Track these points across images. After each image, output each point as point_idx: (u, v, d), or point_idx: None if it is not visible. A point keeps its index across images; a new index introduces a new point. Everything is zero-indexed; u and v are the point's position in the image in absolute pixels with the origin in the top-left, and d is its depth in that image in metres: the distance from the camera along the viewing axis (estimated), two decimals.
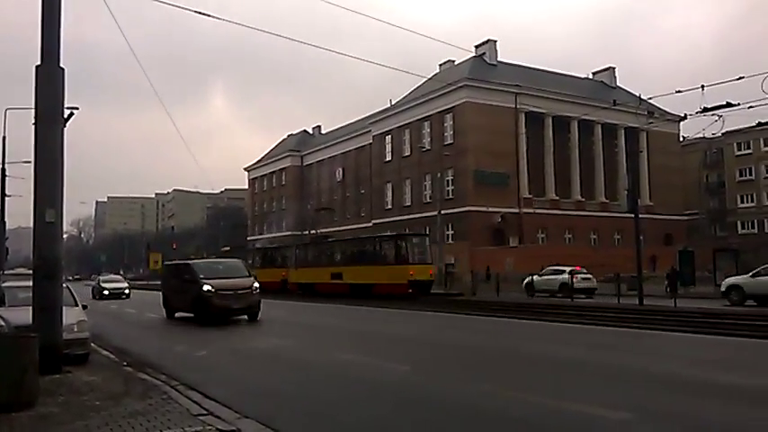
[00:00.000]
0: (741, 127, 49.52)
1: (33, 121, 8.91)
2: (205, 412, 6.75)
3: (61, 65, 9.04)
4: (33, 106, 8.93)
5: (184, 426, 6.09)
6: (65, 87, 9.08)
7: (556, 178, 56.18)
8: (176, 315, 20.69)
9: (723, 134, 62.10)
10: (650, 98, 27.84)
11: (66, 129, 9.16)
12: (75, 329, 10.18)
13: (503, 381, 8.90)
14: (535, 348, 12.73)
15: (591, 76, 67.91)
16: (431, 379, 9.13)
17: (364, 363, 10.64)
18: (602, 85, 64.49)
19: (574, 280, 28.13)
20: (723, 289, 23.35)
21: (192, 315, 19.35)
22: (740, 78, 16.19)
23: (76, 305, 11.38)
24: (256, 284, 18.99)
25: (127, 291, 38.53)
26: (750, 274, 22.63)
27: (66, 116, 9.16)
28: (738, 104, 16.84)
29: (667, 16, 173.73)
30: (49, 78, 8.95)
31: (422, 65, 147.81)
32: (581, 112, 52.44)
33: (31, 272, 21.99)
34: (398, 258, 30.22)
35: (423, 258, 31.05)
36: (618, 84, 66.68)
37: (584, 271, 30.60)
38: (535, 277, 31.50)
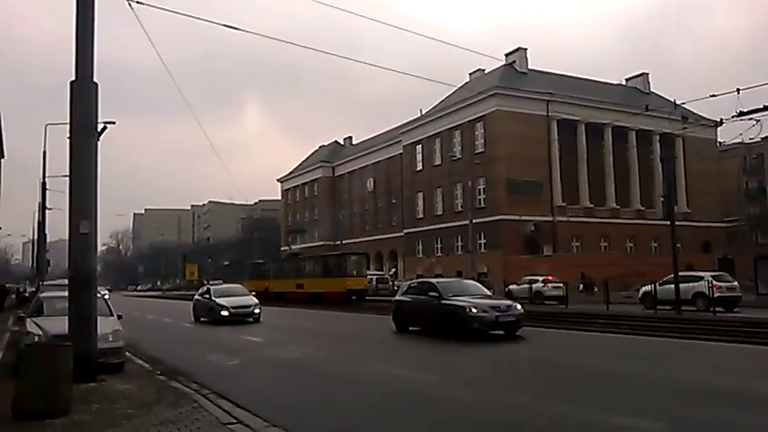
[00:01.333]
0: None
1: (69, 135, 9.14)
2: (234, 421, 6.79)
3: (95, 80, 9.28)
4: (68, 121, 9.17)
5: None
6: (98, 102, 9.31)
7: (590, 186, 55.39)
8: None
9: (762, 139, 60.48)
10: (684, 103, 27.16)
11: (99, 142, 9.37)
12: (111, 339, 10.35)
13: (538, 392, 8.76)
14: (572, 359, 12.52)
15: (624, 83, 67.01)
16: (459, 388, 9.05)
17: (395, 374, 10.60)
18: (636, 91, 63.46)
19: (545, 288, 31.58)
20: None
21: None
22: None
23: (111, 315, 11.57)
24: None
25: (257, 311, 24.74)
26: None
27: (99, 130, 9.38)
28: None
29: (700, 19, 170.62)
30: (83, 93, 9.19)
31: (451, 75, 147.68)
32: (614, 119, 51.75)
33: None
34: (339, 272, 37.75)
35: (359, 272, 38.54)
36: (651, 89, 65.59)
37: (556, 280, 32.24)
38: (512, 286, 33.43)
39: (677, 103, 31.00)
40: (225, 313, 22.15)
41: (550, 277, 33.44)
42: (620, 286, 35.96)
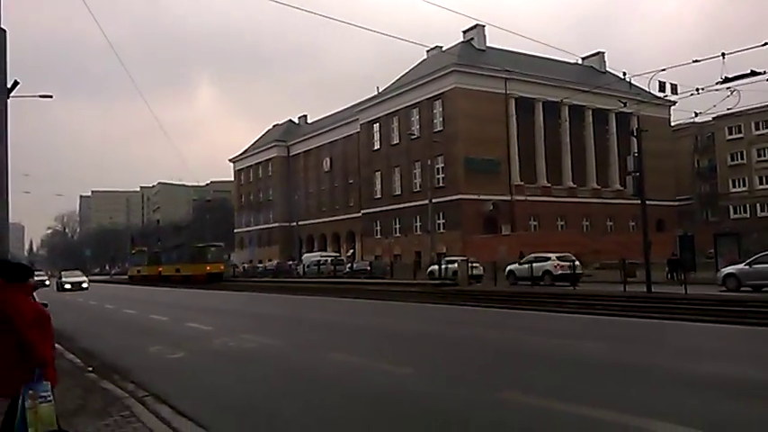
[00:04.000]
0: (732, 110, 48.78)
1: None
2: None
3: (2, 26, 7.75)
4: None
5: None
6: (6, 52, 7.78)
7: (547, 165, 55.20)
8: None
9: (714, 119, 61.55)
10: (634, 76, 26.61)
11: (9, 101, 7.86)
12: None
13: (520, 383, 7.77)
14: (547, 343, 11.65)
15: (580, 61, 66.90)
16: (444, 382, 8.01)
17: (359, 364, 9.50)
18: (592, 70, 63.49)
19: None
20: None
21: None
22: (765, 44, 15.02)
23: None
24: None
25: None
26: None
27: (9, 86, 7.85)
28: (765, 72, 15.60)
29: (652, 3, 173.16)
30: None
31: (408, 53, 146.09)
32: (571, 97, 51.48)
33: None
34: (202, 260, 47.56)
35: (217, 259, 49.15)
36: (607, 68, 65.71)
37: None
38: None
39: (632, 82, 30.77)
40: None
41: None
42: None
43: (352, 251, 62.81)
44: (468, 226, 49.38)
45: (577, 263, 28.82)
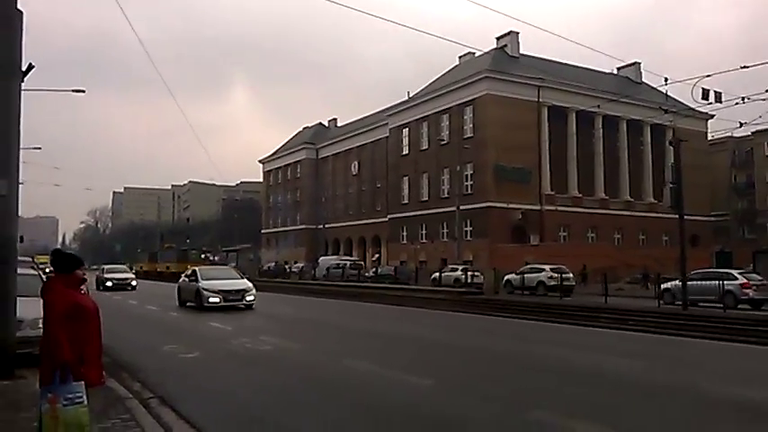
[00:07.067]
0: None
1: None
2: None
3: (19, 7, 7.49)
4: None
5: None
6: (23, 34, 7.52)
7: (579, 175, 54.06)
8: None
9: (753, 133, 59.78)
10: (675, 83, 25.63)
11: (24, 84, 7.59)
12: (39, 325, 8.62)
13: (553, 402, 7.21)
14: (580, 358, 11.03)
15: (615, 72, 65.68)
16: (457, 393, 7.49)
17: (376, 372, 9.03)
18: (628, 81, 62.17)
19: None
20: None
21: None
22: None
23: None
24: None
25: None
26: None
27: (24, 69, 7.59)
28: None
29: (694, 13, 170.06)
30: (5, 22, 7.40)
31: (441, 60, 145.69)
32: (605, 108, 50.35)
33: (25, 259, 20.85)
34: (186, 260, 51.30)
35: (197, 260, 52.86)
36: (643, 80, 64.37)
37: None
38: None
39: (669, 94, 29.87)
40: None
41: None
42: (610, 278, 34.65)
43: (377, 256, 62.34)
44: (496, 235, 48.53)
45: (570, 275, 29.21)
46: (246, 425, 6.28)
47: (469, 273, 33.18)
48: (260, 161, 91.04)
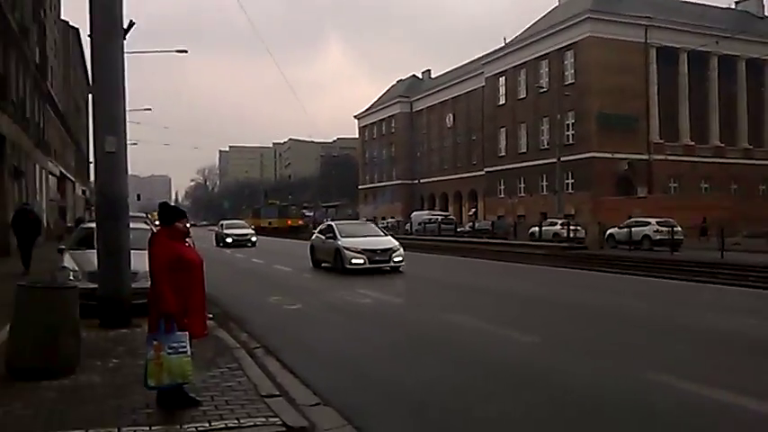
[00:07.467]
0: None
1: (89, 34, 7.56)
2: (276, 393, 5.21)
3: None
4: (88, 17, 7.56)
5: (240, 415, 4.57)
6: None
7: (691, 122, 50.40)
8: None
9: None
10: None
11: (125, 43, 7.73)
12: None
13: (667, 363, 6.72)
14: (697, 317, 10.33)
15: (733, 5, 60.06)
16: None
17: (478, 327, 8.81)
18: (748, 16, 56.67)
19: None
20: None
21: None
22: None
23: None
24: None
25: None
26: None
27: (126, 27, 7.72)
28: None
29: None
30: None
31: (540, 2, 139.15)
32: (722, 46, 46.22)
33: (139, 214, 22.08)
34: (285, 215, 61.20)
35: (296, 216, 63.31)
36: (766, 13, 58.52)
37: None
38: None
39: None
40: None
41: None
42: (727, 232, 32.31)
43: (474, 210, 61.63)
44: (600, 187, 46.44)
45: (678, 228, 27.08)
46: (342, 373, 6.33)
47: (571, 227, 32.23)
48: (355, 116, 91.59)
